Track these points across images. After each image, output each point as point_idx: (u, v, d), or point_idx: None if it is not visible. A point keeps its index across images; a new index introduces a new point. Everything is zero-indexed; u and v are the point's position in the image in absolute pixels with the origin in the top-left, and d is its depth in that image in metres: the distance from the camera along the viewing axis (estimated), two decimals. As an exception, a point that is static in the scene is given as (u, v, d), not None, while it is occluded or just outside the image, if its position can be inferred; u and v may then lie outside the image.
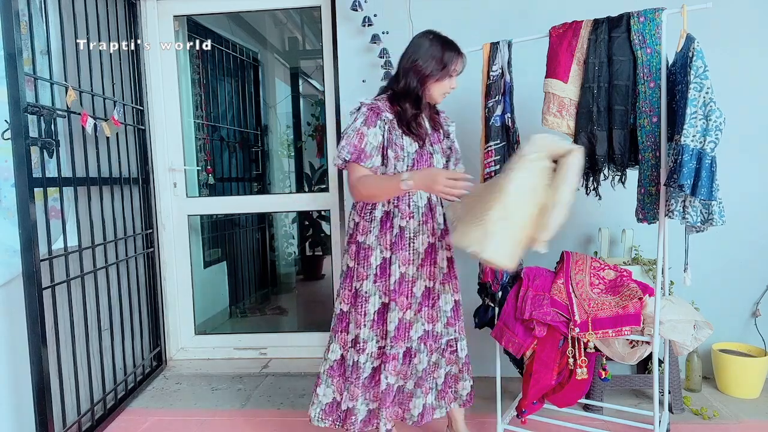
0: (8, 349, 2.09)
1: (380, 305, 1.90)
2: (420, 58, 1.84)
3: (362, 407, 1.92)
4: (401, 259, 1.88)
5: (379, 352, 1.91)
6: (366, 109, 1.85)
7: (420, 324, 1.92)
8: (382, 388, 1.87)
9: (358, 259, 1.92)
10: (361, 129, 1.81)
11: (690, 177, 1.66)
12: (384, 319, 1.90)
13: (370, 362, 1.92)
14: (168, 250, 3.20)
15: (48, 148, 2.09)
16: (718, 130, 1.67)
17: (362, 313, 1.89)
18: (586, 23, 1.93)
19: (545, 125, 1.99)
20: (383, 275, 1.89)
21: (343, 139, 1.85)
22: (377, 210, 1.90)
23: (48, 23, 2.25)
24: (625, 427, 2.22)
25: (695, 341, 1.95)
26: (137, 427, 2.44)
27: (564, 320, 1.91)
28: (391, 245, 1.88)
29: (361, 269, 1.90)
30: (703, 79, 1.67)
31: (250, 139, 4.64)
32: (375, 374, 1.92)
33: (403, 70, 1.88)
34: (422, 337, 1.93)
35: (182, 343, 3.31)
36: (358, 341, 1.90)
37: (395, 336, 1.87)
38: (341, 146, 1.83)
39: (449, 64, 1.85)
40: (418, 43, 1.88)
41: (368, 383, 1.92)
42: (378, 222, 1.89)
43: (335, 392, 1.97)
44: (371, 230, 1.89)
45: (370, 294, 1.89)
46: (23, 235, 1.96)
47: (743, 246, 2.65)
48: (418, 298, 1.91)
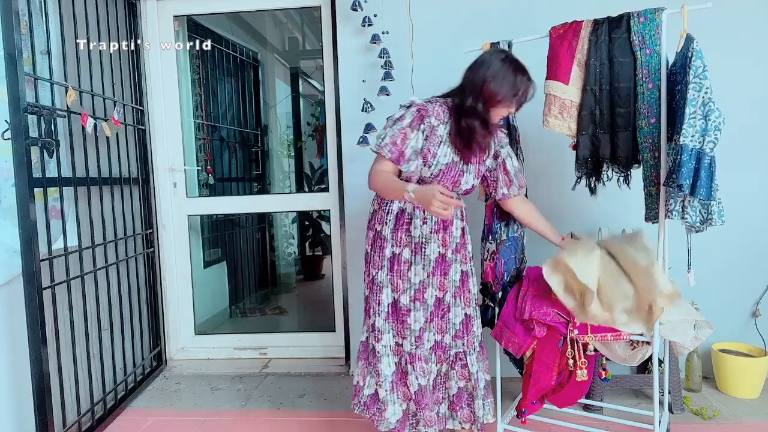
0: (8, 349, 2.09)
1: (392, 299, 1.91)
2: (491, 80, 1.78)
3: (396, 406, 1.91)
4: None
5: (397, 348, 1.92)
6: (415, 109, 1.81)
7: (432, 333, 1.93)
8: (414, 390, 1.89)
9: (374, 247, 1.93)
10: (405, 129, 1.79)
11: (689, 177, 1.66)
12: (398, 318, 1.90)
13: (391, 356, 1.92)
14: (168, 250, 3.20)
15: (48, 148, 2.09)
16: (717, 130, 1.67)
17: (377, 302, 1.91)
18: (586, 23, 1.92)
19: (546, 127, 1.99)
20: (391, 270, 1.90)
21: (387, 128, 1.82)
22: (394, 204, 1.90)
23: (48, 23, 2.25)
24: (625, 427, 2.22)
25: (695, 341, 1.95)
26: (137, 427, 2.44)
27: (563, 321, 1.91)
28: (402, 243, 1.89)
29: (376, 257, 1.92)
30: (702, 79, 1.67)
31: (250, 139, 4.64)
32: (398, 371, 1.92)
33: (471, 86, 1.81)
34: (433, 347, 1.93)
35: (182, 343, 3.31)
36: (375, 328, 1.92)
37: (419, 336, 1.89)
38: (383, 137, 1.81)
39: (520, 93, 1.81)
40: (489, 61, 1.81)
41: (397, 379, 1.93)
42: (394, 216, 1.90)
43: (359, 375, 2.00)
44: (386, 222, 1.90)
45: (383, 285, 1.90)
46: (23, 235, 1.96)
47: (743, 246, 2.66)
48: (429, 306, 1.92)
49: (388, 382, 1.91)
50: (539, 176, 2.58)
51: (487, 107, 1.81)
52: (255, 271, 4.64)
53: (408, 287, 1.89)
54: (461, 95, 1.84)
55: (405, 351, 1.90)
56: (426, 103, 1.85)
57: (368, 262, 1.96)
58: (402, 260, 1.89)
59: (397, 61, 2.74)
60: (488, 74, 1.78)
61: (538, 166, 2.56)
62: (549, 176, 2.61)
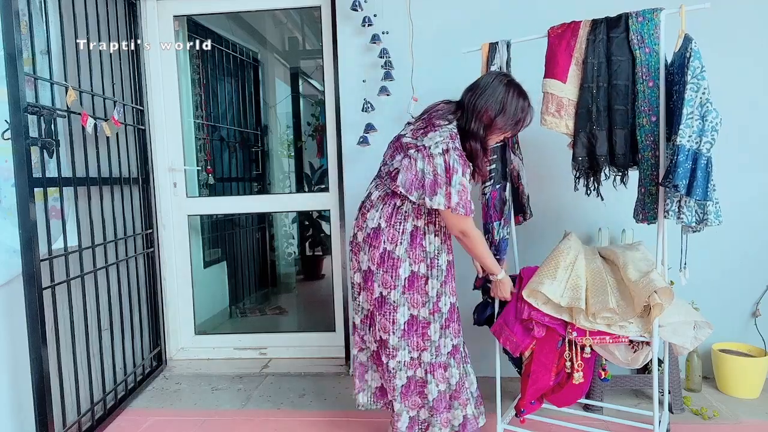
0: (8, 349, 2.09)
1: (409, 317, 1.90)
2: (492, 107, 1.81)
3: (404, 415, 1.94)
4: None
5: (412, 362, 1.93)
6: (458, 154, 1.77)
7: (449, 339, 1.94)
8: (433, 397, 1.91)
9: (384, 267, 1.88)
10: (463, 181, 1.77)
11: (685, 177, 1.66)
12: (417, 332, 1.91)
13: (404, 371, 1.93)
14: (168, 250, 3.20)
15: (48, 148, 2.09)
16: (714, 130, 1.67)
17: (391, 321, 1.89)
18: (584, 23, 1.92)
19: (544, 125, 1.99)
20: (411, 287, 1.89)
21: (450, 186, 1.75)
22: (408, 223, 1.88)
23: (48, 23, 2.25)
24: (625, 427, 2.22)
25: (695, 341, 1.95)
26: (137, 427, 2.44)
27: (561, 322, 1.91)
28: (419, 259, 1.89)
29: (387, 277, 1.88)
30: (700, 79, 1.67)
31: (250, 139, 4.64)
32: (410, 383, 1.94)
33: (472, 109, 1.83)
34: (451, 351, 1.95)
35: (182, 343, 3.31)
36: (387, 346, 1.91)
37: (438, 346, 1.91)
38: (457, 200, 1.75)
39: (520, 122, 1.86)
40: (493, 86, 1.83)
41: (405, 391, 1.94)
42: (408, 235, 1.88)
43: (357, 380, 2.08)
44: (400, 242, 1.88)
45: (399, 304, 1.89)
46: (23, 235, 1.96)
47: (743, 246, 2.65)
48: (445, 314, 1.93)
49: (398, 394, 1.93)
50: (539, 176, 2.58)
51: (486, 133, 1.84)
52: (255, 271, 4.64)
53: (426, 301, 1.91)
54: (463, 118, 1.85)
55: (425, 362, 1.92)
56: (453, 140, 1.80)
57: (372, 280, 1.91)
58: (419, 276, 1.90)
59: (397, 61, 2.74)
60: (491, 102, 1.82)
61: (538, 167, 2.56)
62: (549, 177, 2.61)
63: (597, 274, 1.93)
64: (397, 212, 1.88)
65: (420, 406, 1.96)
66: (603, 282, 1.88)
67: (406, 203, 1.86)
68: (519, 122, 1.85)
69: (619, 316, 1.81)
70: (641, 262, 1.91)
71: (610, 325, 1.83)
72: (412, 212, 1.87)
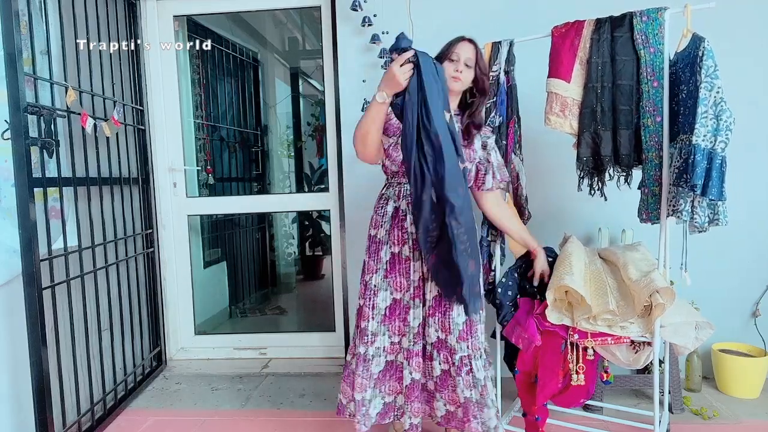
0: (8, 349, 2.09)
1: (391, 301, 1.91)
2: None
3: (377, 400, 1.93)
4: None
5: (392, 347, 1.92)
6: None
7: (434, 329, 1.90)
8: (407, 383, 1.90)
9: (369, 253, 1.95)
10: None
11: (702, 177, 1.65)
12: (398, 316, 1.91)
13: (384, 356, 1.92)
14: (168, 250, 3.20)
15: (48, 148, 2.09)
16: (728, 130, 1.66)
17: (371, 306, 1.91)
18: (588, 23, 1.92)
19: (548, 125, 1.99)
20: (393, 270, 1.90)
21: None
22: (389, 205, 1.92)
23: (48, 23, 2.25)
24: (625, 427, 2.22)
25: (697, 342, 1.95)
26: (137, 427, 2.44)
27: (563, 325, 1.91)
28: (400, 240, 1.89)
29: (372, 263, 1.93)
30: (713, 78, 1.67)
31: (250, 139, 4.63)
32: (390, 368, 1.94)
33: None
34: (435, 343, 1.90)
35: (182, 343, 3.30)
36: (366, 333, 1.91)
37: (418, 332, 1.89)
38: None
39: (449, 48, 1.89)
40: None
41: (382, 376, 1.93)
42: (389, 217, 1.91)
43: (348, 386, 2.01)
44: (382, 224, 1.92)
45: (380, 288, 1.91)
46: (23, 235, 1.96)
47: (743, 246, 2.65)
48: (429, 301, 1.90)
49: (373, 379, 1.92)
50: (539, 177, 2.58)
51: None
52: (255, 271, 4.64)
53: (409, 284, 1.90)
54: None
55: (403, 347, 1.91)
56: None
57: (363, 270, 1.97)
58: (402, 258, 1.89)
59: (398, 61, 2.73)
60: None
61: (537, 167, 2.56)
62: (549, 177, 2.61)
63: (597, 276, 1.93)
64: None
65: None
66: (603, 284, 1.88)
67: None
68: (447, 50, 1.89)
69: (620, 317, 1.81)
70: (641, 262, 1.91)
71: (611, 326, 1.83)
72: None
